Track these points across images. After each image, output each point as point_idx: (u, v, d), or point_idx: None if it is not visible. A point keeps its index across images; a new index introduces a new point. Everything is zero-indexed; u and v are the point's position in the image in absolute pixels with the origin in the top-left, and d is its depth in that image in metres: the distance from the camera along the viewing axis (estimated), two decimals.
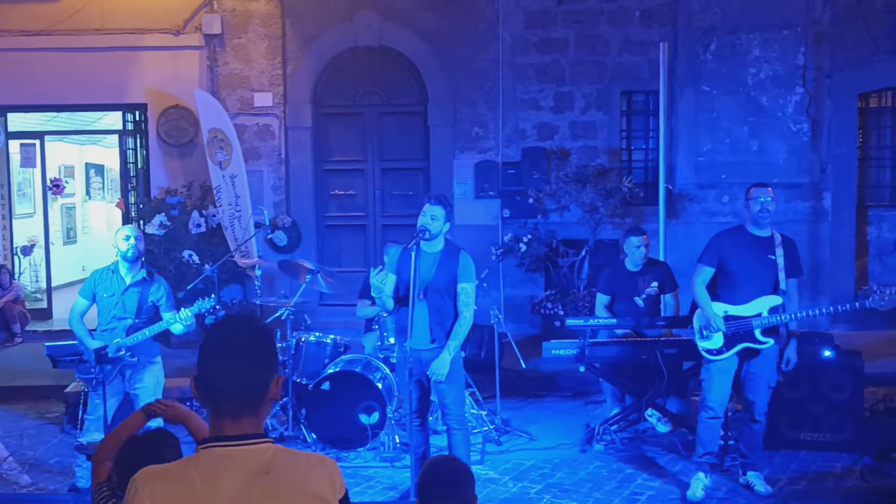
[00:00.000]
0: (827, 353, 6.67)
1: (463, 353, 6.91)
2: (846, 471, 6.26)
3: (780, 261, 5.70)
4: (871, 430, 6.48)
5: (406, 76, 10.93)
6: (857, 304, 5.81)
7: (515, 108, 10.66)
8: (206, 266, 8.44)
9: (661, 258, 8.41)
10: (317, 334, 7.52)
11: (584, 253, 10.01)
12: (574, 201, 9.97)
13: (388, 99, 11.02)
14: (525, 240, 10.11)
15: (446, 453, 5.75)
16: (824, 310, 6.11)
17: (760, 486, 5.84)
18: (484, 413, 7.25)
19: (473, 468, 5.30)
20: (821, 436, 6.60)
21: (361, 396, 6.84)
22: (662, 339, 6.86)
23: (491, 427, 7.13)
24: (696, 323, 5.91)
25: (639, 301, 7.15)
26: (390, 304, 5.70)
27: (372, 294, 6.14)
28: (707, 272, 5.82)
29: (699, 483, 5.83)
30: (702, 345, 5.84)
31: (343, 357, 7.23)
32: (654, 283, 7.12)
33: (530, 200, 10.23)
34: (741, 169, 10.38)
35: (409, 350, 5.53)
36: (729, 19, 10.35)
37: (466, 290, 5.53)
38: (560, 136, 10.64)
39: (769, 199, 5.68)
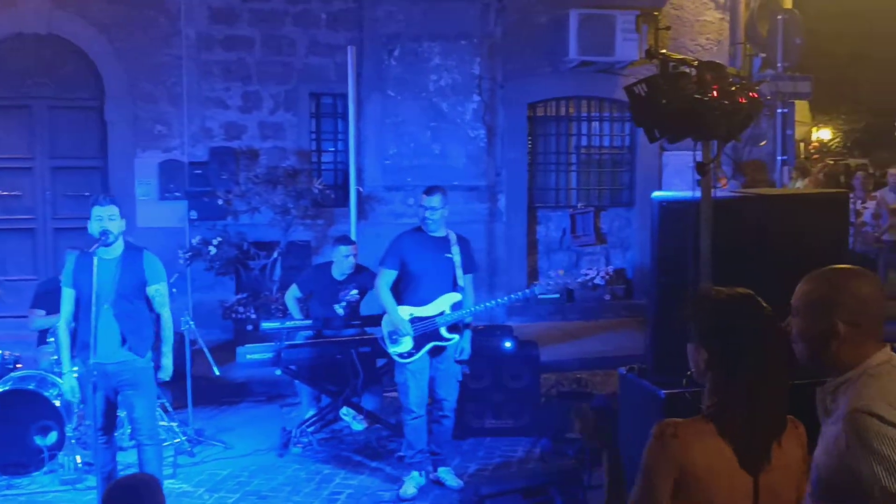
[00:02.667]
0: (507, 344, 7.14)
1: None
2: (527, 453, 6.75)
3: (457, 258, 5.99)
4: (547, 414, 7.02)
5: (80, 68, 10.16)
6: (527, 291, 6.33)
7: (201, 106, 10.31)
8: None
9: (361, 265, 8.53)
10: None
11: (275, 255, 9.91)
12: (265, 203, 9.83)
13: (60, 92, 10.18)
14: (214, 242, 9.80)
15: (136, 470, 5.45)
16: (499, 300, 6.55)
17: (452, 480, 6.09)
18: (175, 424, 6.93)
19: (166, 483, 5.05)
20: (503, 422, 7.06)
21: (36, 416, 6.24)
22: (357, 337, 6.96)
23: (183, 438, 6.83)
24: (384, 329, 6.02)
25: (338, 309, 7.20)
26: None
27: None
28: (390, 275, 5.97)
29: (412, 482, 5.97)
30: (392, 350, 5.97)
31: (13, 374, 6.57)
32: (355, 291, 7.21)
33: (219, 202, 9.93)
34: (425, 172, 10.82)
35: (93, 364, 5.12)
36: (412, 27, 10.75)
37: (160, 291, 5.34)
38: (248, 135, 10.45)
39: (435, 207, 5.88)
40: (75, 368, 5.39)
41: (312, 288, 7.36)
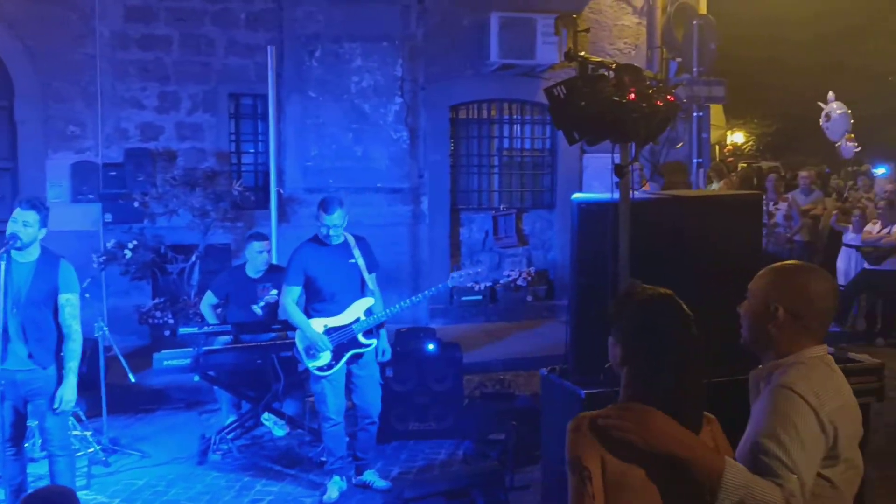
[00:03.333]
0: (430, 346, 7.13)
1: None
2: (450, 456, 6.74)
3: (361, 261, 5.91)
4: (470, 416, 7.03)
5: None
6: (441, 286, 6.34)
7: (116, 106, 10.05)
8: None
9: (275, 262, 8.41)
10: None
11: (194, 258, 9.71)
12: (183, 205, 9.61)
13: None
14: (130, 246, 9.54)
15: (47, 482, 5.27)
16: (413, 299, 6.50)
17: (378, 482, 6.06)
18: (88, 433, 6.71)
19: (80, 494, 4.88)
20: (427, 425, 7.04)
21: None
22: (278, 342, 6.85)
23: (97, 448, 6.62)
24: (299, 345, 5.93)
25: (256, 309, 7.08)
26: None
27: None
28: (294, 291, 5.87)
29: (335, 487, 5.91)
30: (311, 365, 5.87)
31: None
32: (274, 291, 7.09)
33: (135, 204, 9.67)
34: (347, 174, 10.76)
35: (1, 371, 4.93)
36: (332, 28, 10.66)
37: (71, 301, 5.10)
38: (166, 137, 10.23)
39: (337, 224, 5.74)
40: None
41: (228, 290, 7.21)
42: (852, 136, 13.38)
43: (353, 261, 5.89)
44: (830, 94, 13.22)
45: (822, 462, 2.41)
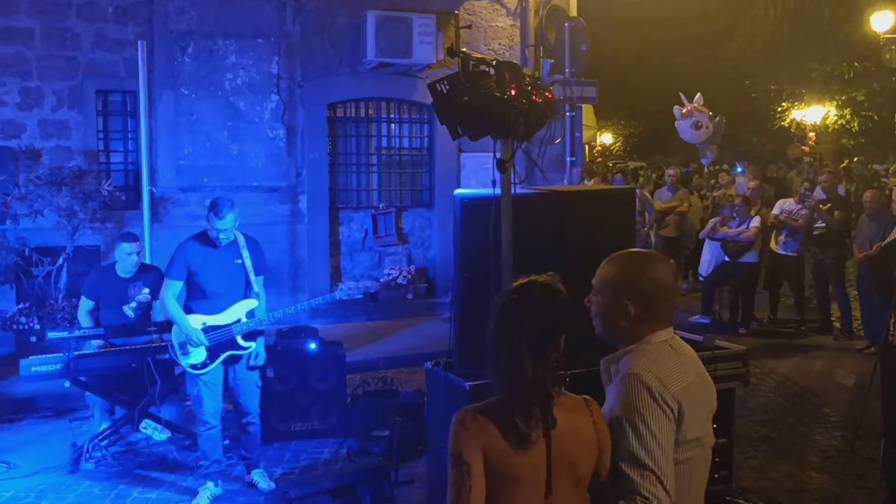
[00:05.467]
0: (312, 345, 7.07)
1: None
2: (334, 454, 6.72)
3: (248, 262, 5.82)
4: (353, 413, 7.01)
5: None
6: (329, 297, 6.30)
7: None
8: None
9: (148, 263, 8.17)
10: None
11: (61, 261, 9.31)
12: (48, 205, 9.18)
13: None
14: None
15: None
16: (300, 306, 6.48)
17: (264, 483, 6.00)
18: None
19: None
20: (310, 424, 6.98)
21: None
22: (154, 344, 6.65)
23: None
24: (174, 340, 5.81)
25: (128, 311, 6.85)
26: None
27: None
28: (176, 286, 5.74)
29: (207, 492, 5.80)
30: (184, 361, 5.76)
31: None
32: (146, 290, 6.87)
33: None
34: (223, 172, 10.55)
35: None
36: (205, 24, 10.43)
37: None
38: (29, 134, 9.78)
39: (228, 228, 5.63)
40: None
41: (98, 292, 6.95)
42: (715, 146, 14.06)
43: (239, 261, 5.79)
44: (698, 97, 13.81)
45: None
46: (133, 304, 6.84)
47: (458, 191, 4.86)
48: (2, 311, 9.23)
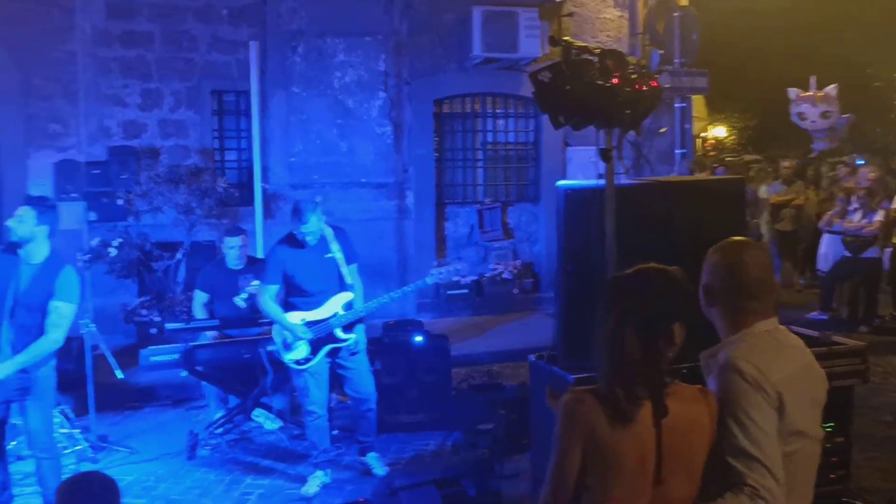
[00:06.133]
0: (418, 338, 7.14)
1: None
2: (439, 446, 6.76)
3: (339, 255, 5.89)
4: (459, 407, 7.05)
5: None
6: (420, 283, 6.32)
7: (99, 103, 10.01)
8: None
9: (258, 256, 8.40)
10: None
11: (179, 255, 9.68)
12: (167, 202, 9.58)
13: None
14: (115, 244, 9.49)
15: (34, 481, 5.29)
16: (392, 294, 6.50)
17: (378, 467, 6.11)
18: (77, 431, 6.69)
19: None
20: (416, 417, 7.05)
21: None
22: (265, 336, 6.83)
23: (86, 445, 6.59)
24: (276, 338, 5.96)
25: (240, 302, 7.06)
26: None
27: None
28: (272, 290, 5.87)
29: (316, 480, 5.93)
30: (288, 357, 5.90)
31: None
32: (256, 282, 7.07)
33: (119, 202, 9.64)
34: (332, 169, 10.76)
35: None
36: (315, 24, 10.65)
37: (59, 310, 4.89)
38: (149, 134, 10.19)
39: (314, 231, 5.73)
40: None
41: (211, 284, 7.20)
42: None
43: (329, 255, 5.87)
44: (812, 79, 13.31)
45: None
46: (244, 296, 7.05)
47: (560, 182, 4.82)
48: (125, 304, 9.65)
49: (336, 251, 5.88)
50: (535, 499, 2.60)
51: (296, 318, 5.84)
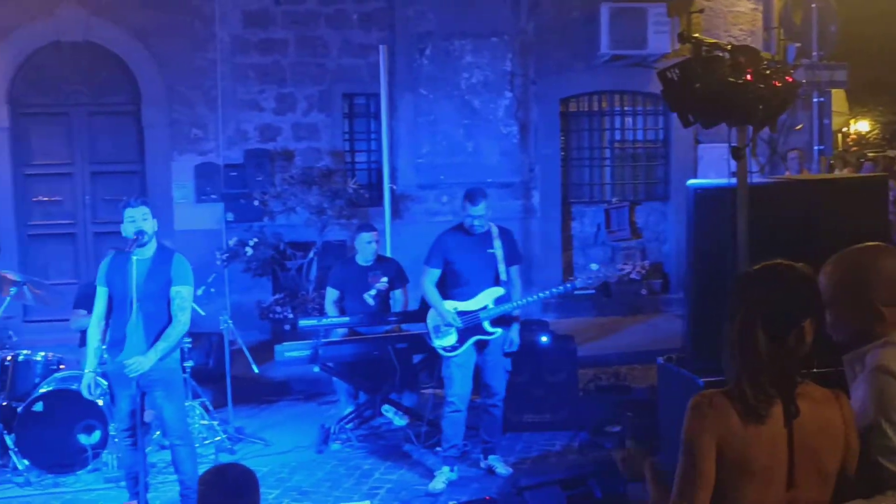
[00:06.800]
0: (544, 338, 7.13)
1: (191, 363, 6.68)
2: (565, 447, 6.74)
3: (499, 252, 6.02)
4: (585, 408, 7.00)
5: (116, 74, 10.32)
6: (568, 286, 6.33)
7: (236, 108, 10.42)
8: None
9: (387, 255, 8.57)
10: (25, 352, 6.86)
11: (311, 254, 9.98)
12: (300, 203, 9.90)
13: (97, 98, 10.36)
14: (251, 243, 9.88)
15: (172, 469, 5.58)
16: (542, 294, 6.55)
17: (501, 468, 6.15)
18: (216, 423, 7.00)
19: None
20: (542, 417, 7.04)
21: (80, 415, 6.35)
22: (394, 334, 6.99)
23: (224, 436, 6.89)
24: (429, 323, 6.09)
25: (368, 298, 7.23)
26: None
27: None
28: (434, 274, 6.04)
29: (443, 476, 6.02)
30: (437, 343, 6.03)
31: (57, 374, 6.67)
32: (385, 279, 7.25)
33: (255, 203, 10.03)
34: (458, 170, 10.85)
35: (120, 363, 5.18)
36: (443, 26, 10.77)
37: (181, 294, 5.28)
38: (283, 137, 10.54)
39: (481, 214, 5.91)
40: (98, 369, 5.34)
41: (342, 281, 7.41)
42: None
43: (491, 251, 6.01)
44: None
45: None
46: (372, 292, 7.22)
47: (690, 181, 4.73)
48: (260, 301, 10.03)
49: (498, 248, 6.02)
50: None
51: (448, 306, 5.98)
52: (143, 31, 10.15)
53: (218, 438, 6.86)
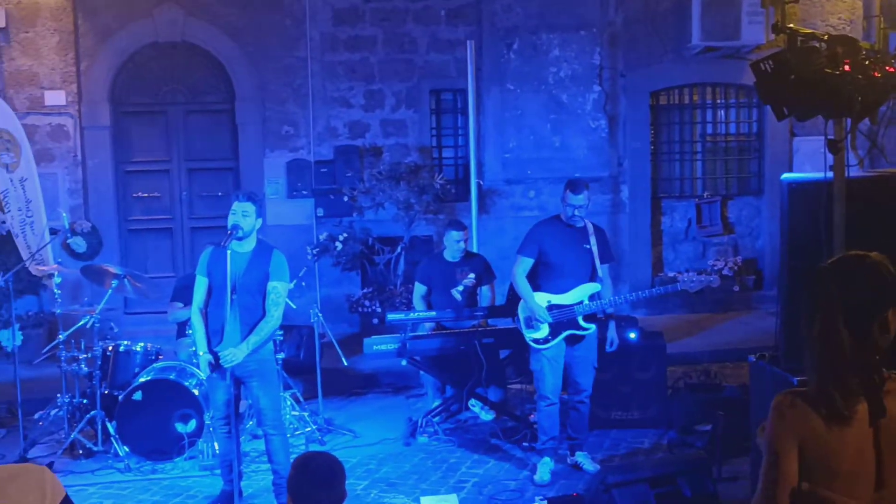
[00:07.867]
0: (632, 335, 7.04)
1: (282, 355, 6.83)
2: (654, 445, 6.66)
3: (595, 249, 5.99)
4: (674, 406, 6.90)
5: (212, 73, 10.61)
6: (669, 287, 6.29)
7: (326, 105, 10.59)
8: None
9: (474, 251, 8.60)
10: (125, 342, 7.14)
11: (399, 249, 10.08)
12: (388, 198, 10.01)
13: (194, 97, 10.66)
14: (341, 238, 10.06)
15: (265, 458, 5.72)
16: (641, 294, 6.52)
17: (588, 465, 6.13)
18: (306, 414, 7.15)
19: None
20: (630, 414, 6.97)
21: (176, 404, 6.58)
22: (480, 329, 7.01)
23: (314, 427, 7.04)
24: (521, 314, 6.09)
25: (456, 294, 7.27)
26: None
27: None
28: (527, 262, 6.02)
29: (546, 467, 6.04)
30: (529, 335, 6.02)
31: (155, 365, 6.92)
32: (472, 275, 7.27)
33: (345, 198, 10.19)
34: (545, 164, 10.80)
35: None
36: (530, 20, 10.72)
37: (277, 289, 5.43)
38: (372, 133, 10.66)
39: (583, 205, 5.90)
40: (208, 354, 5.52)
41: (430, 277, 7.48)
42: None
43: (587, 246, 5.99)
44: None
45: None
46: (460, 288, 7.26)
47: (785, 175, 4.61)
48: (349, 295, 10.18)
49: (593, 245, 5.99)
50: None
51: (542, 299, 5.97)
52: (237, 31, 10.40)
53: (308, 429, 7.01)
